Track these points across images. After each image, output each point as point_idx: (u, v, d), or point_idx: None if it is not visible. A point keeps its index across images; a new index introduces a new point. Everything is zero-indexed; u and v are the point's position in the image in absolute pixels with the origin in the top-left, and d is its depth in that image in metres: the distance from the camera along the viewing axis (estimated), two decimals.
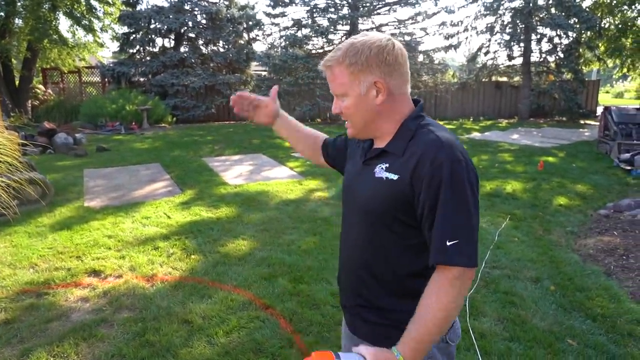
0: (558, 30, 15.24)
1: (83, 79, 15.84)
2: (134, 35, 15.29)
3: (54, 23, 15.00)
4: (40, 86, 15.61)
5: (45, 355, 2.54)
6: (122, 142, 10.60)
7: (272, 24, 16.39)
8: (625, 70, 17.33)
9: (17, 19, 14.59)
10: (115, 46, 22.90)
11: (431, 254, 1.10)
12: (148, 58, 15.46)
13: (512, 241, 4.30)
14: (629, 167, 7.33)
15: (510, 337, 2.75)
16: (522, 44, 16.04)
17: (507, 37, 16.20)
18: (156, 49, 15.67)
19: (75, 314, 3.00)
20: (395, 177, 1.15)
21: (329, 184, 6.51)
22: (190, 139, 10.98)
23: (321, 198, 5.80)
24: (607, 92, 41.27)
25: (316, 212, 5.20)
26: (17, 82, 14.83)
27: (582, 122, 15.64)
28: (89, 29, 16.16)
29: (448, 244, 1.07)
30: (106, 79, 15.26)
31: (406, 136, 1.17)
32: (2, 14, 13.92)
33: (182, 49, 15.71)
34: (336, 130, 13.34)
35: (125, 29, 15.31)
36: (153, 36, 15.21)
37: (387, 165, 1.18)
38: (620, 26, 15.12)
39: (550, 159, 8.50)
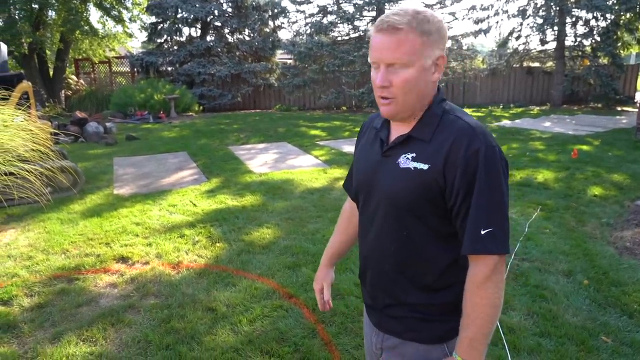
0: (595, 12, 14.54)
1: (113, 69, 16.15)
2: (161, 25, 15.47)
3: (85, 14, 15.32)
4: (73, 76, 16.01)
5: (75, 339, 2.61)
6: (151, 130, 10.79)
7: (298, 11, 16.25)
8: None
9: (50, 11, 14.95)
10: (143, 36, 23.29)
11: (465, 244, 1.06)
12: (175, 47, 15.63)
13: (543, 233, 4.16)
14: None
15: (541, 333, 2.66)
16: (555, 28, 15.39)
17: (540, 21, 15.56)
18: (183, 39, 15.83)
19: (104, 299, 3.07)
20: (425, 166, 1.09)
21: None
22: (216, 128, 11.07)
23: None
24: None
25: (341, 200, 5.15)
26: (51, 73, 15.25)
27: (619, 108, 14.97)
28: (119, 20, 16.43)
29: (483, 232, 1.04)
30: (135, 69, 15.53)
31: (433, 122, 1.11)
32: (36, 6, 14.28)
33: (208, 38, 15.80)
34: (361, 118, 13.22)
35: (153, 19, 15.51)
36: (180, 25, 15.33)
37: (414, 154, 1.11)
38: None
39: (585, 147, 8.17)
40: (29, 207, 4.80)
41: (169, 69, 15.46)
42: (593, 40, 15.41)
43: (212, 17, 15.42)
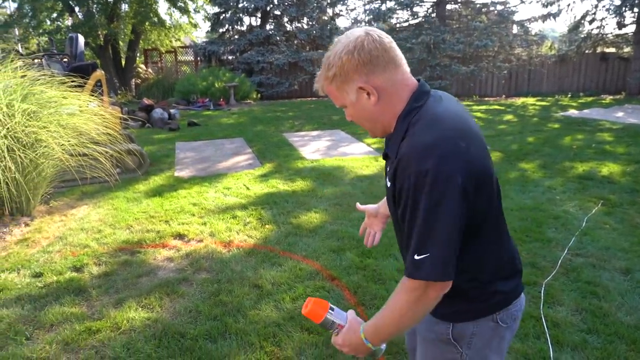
0: None
1: (178, 58, 16.94)
2: (223, 15, 15.97)
3: (154, 6, 16.14)
4: (142, 66, 16.99)
5: (134, 305, 2.86)
6: (211, 117, 11.26)
7: None
8: None
9: (123, 4, 15.92)
10: (207, 26, 24.12)
11: (406, 264, 1.11)
12: (236, 37, 16.10)
13: (603, 228, 3.95)
14: None
15: (588, 329, 2.57)
16: (635, 10, 14.19)
17: (617, 2, 14.41)
18: (244, 28, 16.25)
19: (162, 271, 3.33)
20: (389, 183, 1.16)
21: None
22: (272, 115, 11.35)
23: None
24: None
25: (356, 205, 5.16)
26: (123, 63, 16.27)
27: None
28: (184, 11, 17.14)
29: (416, 257, 1.04)
30: (198, 58, 16.19)
31: (398, 138, 1.12)
32: (110, 0, 15.25)
33: (267, 27, 16.12)
34: None
35: (216, 9, 16.03)
36: (241, 15, 15.75)
37: (388, 169, 1.19)
38: None
39: None
40: (100, 186, 5.24)
41: (230, 57, 15.97)
42: None
43: (271, 6, 15.70)
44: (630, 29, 14.82)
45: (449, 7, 15.54)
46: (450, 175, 1.00)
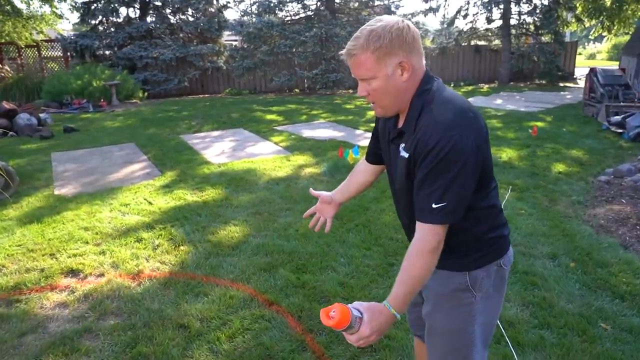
0: None
1: (43, 53, 14.76)
2: (95, 5, 14.22)
3: None
4: None
5: None
6: (92, 120, 9.94)
7: None
8: (602, 31, 17.21)
9: None
10: (75, 17, 21.50)
11: (418, 213, 1.25)
12: (112, 29, 14.50)
13: (520, 214, 4.09)
14: (620, 130, 7.22)
15: (540, 324, 2.54)
16: (501, 6, 15.70)
17: None
18: (120, 20, 14.68)
19: (53, 323, 2.63)
20: (406, 155, 1.30)
21: (318, 158, 6.17)
22: (164, 115, 10.38)
23: (312, 175, 5.46)
24: (580, 53, 41.49)
25: (308, 190, 4.87)
26: None
27: (561, 84, 15.58)
28: None
29: (434, 206, 1.21)
30: (68, 53, 14.27)
31: (415, 114, 1.28)
32: None
33: (148, 19, 14.77)
34: (316, 100, 12.91)
35: None
36: (116, 5, 14.17)
37: (404, 144, 1.32)
38: None
39: (539, 123, 8.33)
40: None
41: (107, 52, 14.34)
42: (536, 19, 15.86)
43: None
44: (498, 24, 16.37)
45: (337, 0, 15.69)
46: (469, 140, 1.20)
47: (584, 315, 2.61)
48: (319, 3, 15.32)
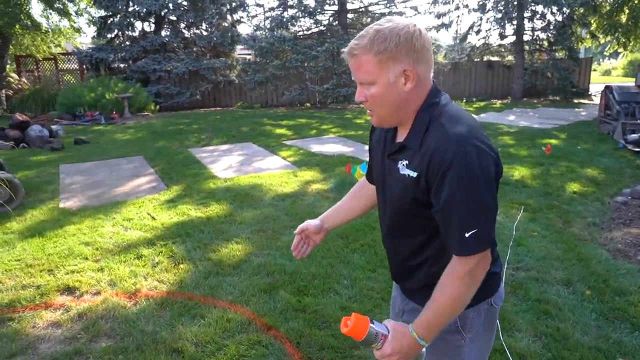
0: (551, 6, 14.82)
1: (60, 66, 15.04)
2: (111, 19, 14.50)
3: (25, 7, 14.14)
4: (14, 74, 14.79)
5: None
6: (103, 133, 10.01)
7: (257, 4, 15.74)
8: (618, 47, 16.97)
9: None
10: (92, 31, 21.99)
11: (453, 247, 1.15)
12: (128, 43, 14.73)
13: (532, 236, 3.93)
14: (637, 149, 7.01)
15: (554, 358, 2.39)
16: (514, 22, 15.60)
17: (499, 15, 15.73)
18: (136, 34, 14.92)
19: (45, 344, 2.55)
20: (414, 174, 1.18)
21: (325, 174, 6.08)
22: (175, 128, 10.42)
23: (319, 191, 5.37)
24: (595, 70, 41.08)
25: (315, 207, 4.78)
26: None
27: (575, 101, 15.36)
28: (63, 13, 15.33)
29: (467, 235, 1.11)
30: (84, 66, 14.51)
31: (421, 129, 1.17)
32: None
33: (163, 33, 14.97)
34: (326, 115, 12.87)
35: (102, 12, 14.51)
36: (132, 19, 14.42)
37: (407, 162, 1.20)
38: (618, 1, 14.66)
39: (553, 141, 8.15)
40: None
41: (122, 65, 14.56)
42: (550, 34, 15.72)
43: (166, 10, 14.60)
44: (511, 40, 16.26)
45: (350, 15, 15.76)
46: (488, 156, 1.12)
47: (600, 349, 2.45)
48: (331, 18, 15.40)
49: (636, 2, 13.78)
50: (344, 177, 5.67)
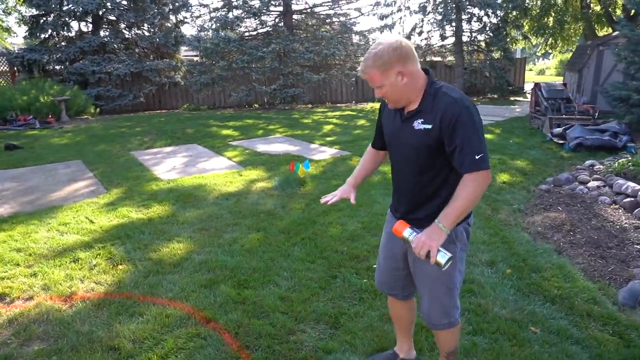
0: (487, 9, 15.63)
1: None
2: (44, 18, 13.79)
3: None
4: None
5: None
6: (37, 137, 9.54)
7: (201, 4, 15.49)
8: (547, 48, 18.17)
9: None
10: (23, 31, 20.77)
11: (466, 166, 1.67)
12: (63, 44, 14.07)
13: None
14: (561, 142, 7.58)
15: (474, 331, 2.59)
16: (453, 24, 16.30)
17: (439, 17, 16.38)
18: (72, 34, 14.26)
19: None
20: (429, 126, 1.73)
21: (270, 173, 6.14)
22: (116, 131, 10.11)
23: (263, 189, 5.43)
24: (530, 69, 43.62)
25: (259, 204, 4.84)
26: None
27: (512, 98, 16.28)
28: None
29: (477, 157, 1.65)
30: (15, 68, 13.71)
31: (430, 98, 1.74)
32: None
33: (102, 33, 14.43)
34: (274, 115, 12.92)
35: (34, 11, 13.77)
36: (67, 19, 13.79)
37: (422, 120, 1.75)
38: (544, 5, 15.70)
39: (489, 136, 8.64)
40: None
41: (58, 67, 13.89)
42: (486, 36, 16.57)
43: (104, 10, 14.08)
44: (451, 41, 16.98)
45: (295, 17, 15.87)
46: (477, 111, 1.73)
47: (515, 320, 2.68)
48: (277, 19, 15.45)
49: (560, 5, 14.80)
50: (287, 174, 5.76)
